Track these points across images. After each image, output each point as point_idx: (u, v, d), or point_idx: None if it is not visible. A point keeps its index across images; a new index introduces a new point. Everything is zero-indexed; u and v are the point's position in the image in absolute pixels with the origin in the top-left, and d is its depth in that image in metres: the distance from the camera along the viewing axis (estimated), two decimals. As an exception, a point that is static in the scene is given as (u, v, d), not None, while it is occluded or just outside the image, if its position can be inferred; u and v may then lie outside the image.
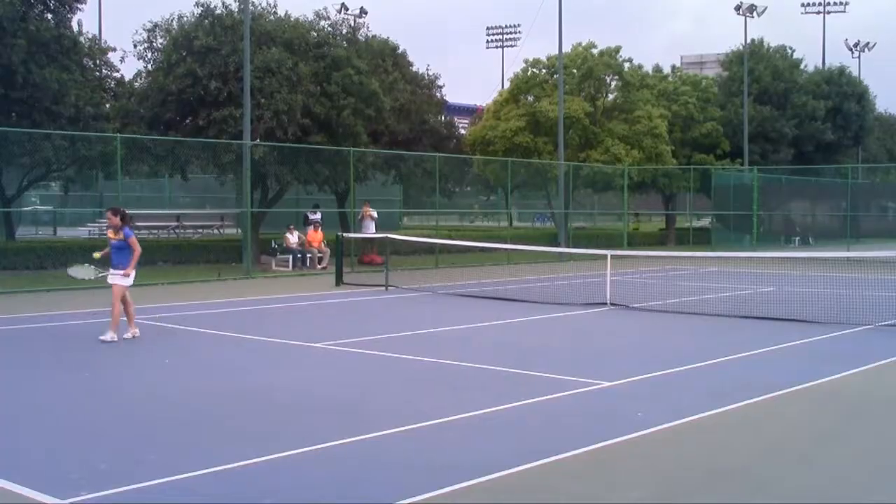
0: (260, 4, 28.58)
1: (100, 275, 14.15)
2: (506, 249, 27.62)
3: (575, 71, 39.86)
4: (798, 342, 13.83)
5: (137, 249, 13.60)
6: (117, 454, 7.53)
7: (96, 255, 14.11)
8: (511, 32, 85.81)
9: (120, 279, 13.46)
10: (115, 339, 13.25)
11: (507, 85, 43.32)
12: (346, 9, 40.67)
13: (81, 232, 37.72)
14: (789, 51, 51.01)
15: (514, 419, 8.86)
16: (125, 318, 13.67)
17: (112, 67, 28.81)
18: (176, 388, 10.27)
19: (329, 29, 30.34)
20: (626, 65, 40.50)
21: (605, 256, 19.39)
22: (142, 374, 11.25)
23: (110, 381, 10.83)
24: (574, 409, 9.43)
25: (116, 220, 13.56)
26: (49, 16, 23.34)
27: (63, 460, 7.39)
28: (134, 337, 13.61)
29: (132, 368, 11.70)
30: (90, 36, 28.79)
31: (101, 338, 13.23)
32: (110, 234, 13.77)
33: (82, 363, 12.06)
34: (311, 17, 30.02)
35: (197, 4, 27.67)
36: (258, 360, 12.37)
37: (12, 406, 9.37)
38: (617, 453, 7.69)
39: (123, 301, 13.53)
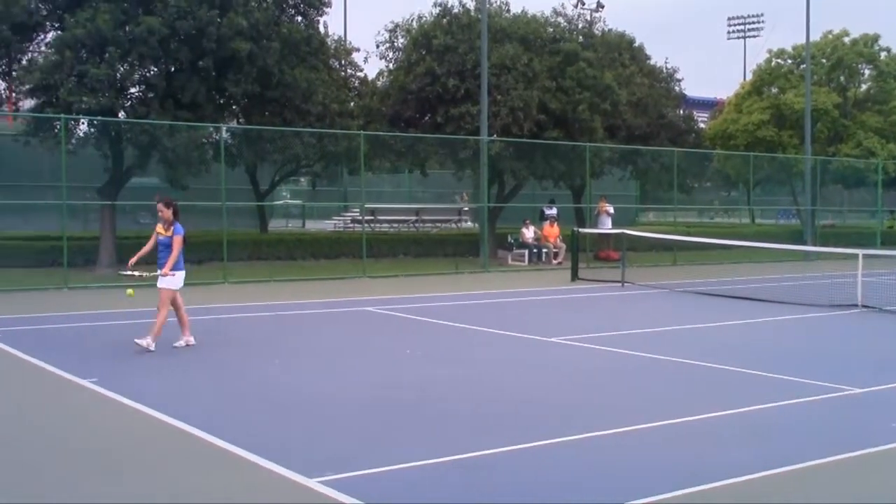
0: (496, 2, 28.90)
1: (134, 274, 12.31)
2: (747, 247, 26.59)
3: (824, 61, 37.82)
4: None
5: (176, 250, 12.00)
6: (359, 438, 7.78)
7: (131, 263, 12.33)
8: (754, 22, 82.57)
9: (166, 281, 11.97)
10: (153, 347, 11.73)
11: (749, 77, 41.81)
12: (583, 4, 40.38)
13: (327, 225, 39.42)
14: None
15: (755, 422, 8.49)
16: (152, 322, 12.19)
17: (356, 67, 30.06)
18: (412, 377, 10.50)
19: (565, 24, 30.26)
20: (884, 54, 38.02)
21: (856, 256, 18.32)
22: (381, 363, 11.60)
23: (351, 367, 11.23)
24: (820, 414, 8.92)
25: (168, 214, 12.05)
26: (299, 18, 24.52)
27: (311, 442, 7.71)
28: (188, 345, 12.23)
29: (372, 356, 12.08)
30: (336, 37, 30.10)
31: (137, 340, 11.80)
32: (160, 228, 12.18)
33: (328, 350, 12.59)
34: (547, 13, 30.08)
35: (435, 4, 28.33)
36: (492, 353, 12.48)
37: (267, 388, 9.88)
38: (869, 464, 7.21)
39: (174, 305, 12.21)
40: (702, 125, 40.43)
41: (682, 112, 35.05)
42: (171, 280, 11.99)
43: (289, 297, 18.83)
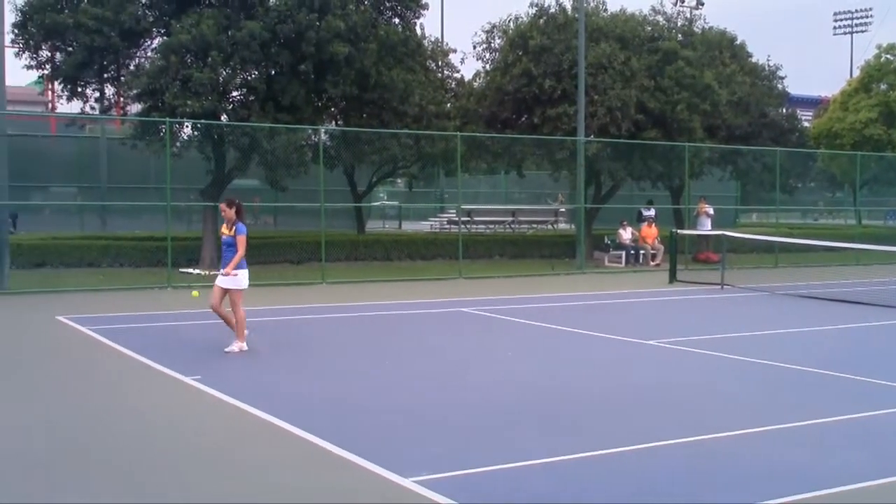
0: (593, 1, 28.67)
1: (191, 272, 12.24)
2: (854, 249, 25.81)
3: (941, 55, 36.61)
4: None
5: (241, 250, 11.84)
6: (455, 439, 7.80)
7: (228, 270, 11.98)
8: (862, 17, 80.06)
9: (230, 282, 11.86)
10: (245, 347, 11.87)
11: (856, 73, 40.59)
12: (682, 1, 39.82)
13: (424, 226, 39.62)
14: None
15: (865, 429, 8.24)
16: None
17: (452, 68, 30.18)
18: (508, 378, 10.48)
19: (664, 23, 29.86)
20: None
21: (969, 257, 17.66)
22: (477, 364, 11.60)
23: (446, 368, 11.26)
24: (933, 422, 8.62)
25: (231, 214, 11.98)
26: (396, 21, 24.71)
27: (407, 441, 7.76)
28: (241, 351, 11.87)
29: (468, 357, 12.09)
30: (433, 39, 30.26)
31: (227, 350, 11.83)
32: (224, 228, 12.13)
33: (424, 350, 12.66)
34: (646, 11, 29.71)
35: (531, 5, 28.24)
36: (588, 355, 12.39)
37: (364, 388, 9.97)
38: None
39: (233, 307, 11.96)
40: (805, 124, 39.41)
41: (784, 111, 34.22)
42: (237, 280, 11.91)
43: (385, 297, 18.99)
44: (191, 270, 12.06)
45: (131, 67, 22.98)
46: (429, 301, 18.41)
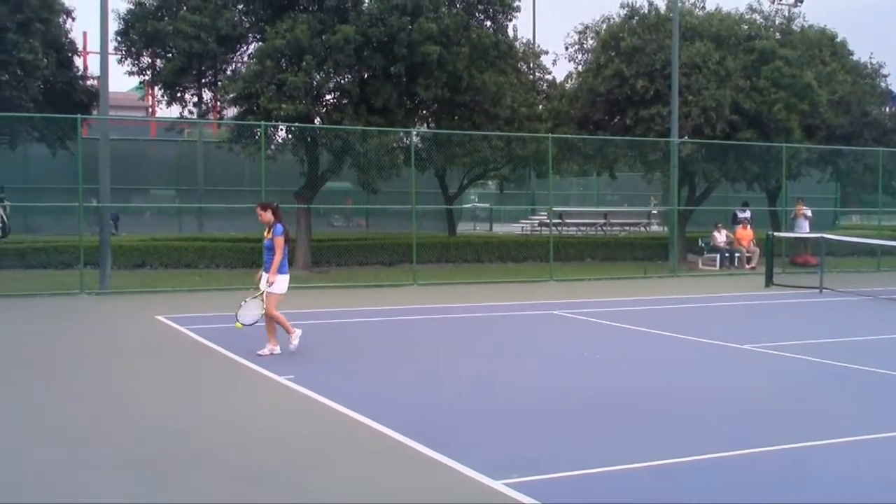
0: (688, 1, 28.27)
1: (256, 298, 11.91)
2: (961, 252, 24.93)
3: None
4: None
5: (278, 253, 11.66)
6: (546, 441, 7.76)
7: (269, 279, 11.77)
8: (969, 13, 77.36)
9: (272, 286, 11.69)
10: (296, 341, 11.75)
11: (963, 70, 39.12)
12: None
13: (515, 228, 39.57)
14: None
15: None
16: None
17: (544, 70, 30.07)
18: (600, 381, 10.38)
19: (761, 21, 29.27)
20: None
21: None
22: (568, 366, 11.53)
23: (537, 370, 11.20)
24: None
25: (267, 216, 11.86)
26: (488, 23, 24.71)
27: (498, 443, 7.74)
28: (272, 354, 11.68)
29: (559, 360, 12.03)
30: (524, 41, 30.19)
31: (291, 347, 11.73)
32: (266, 233, 11.94)
33: (515, 352, 12.62)
34: (742, 9, 29.17)
35: (623, 5, 27.97)
36: (682, 359, 12.21)
37: (454, 389, 10.00)
38: None
39: (270, 311, 11.72)
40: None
41: (888, 110, 33.18)
42: (274, 285, 11.69)
43: (476, 299, 19.01)
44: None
45: (228, 72, 23.47)
46: (519, 303, 18.37)
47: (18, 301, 17.89)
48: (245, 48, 23.65)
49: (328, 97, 23.33)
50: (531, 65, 29.55)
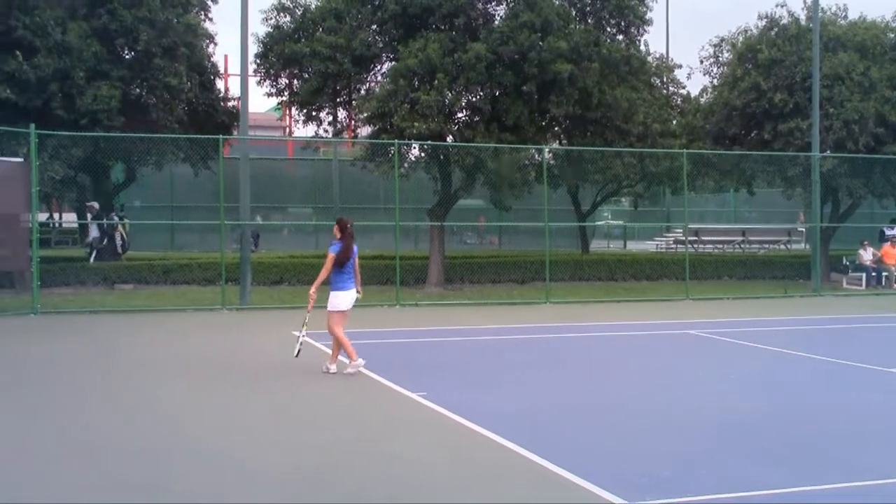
0: (829, 10, 27.39)
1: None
2: None
3: None
4: None
5: (323, 270, 11.65)
6: (681, 462, 7.56)
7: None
8: None
9: (329, 304, 11.65)
10: (360, 364, 11.65)
11: None
12: (931, 5, 37.31)
13: (649, 245, 38.99)
14: None
15: None
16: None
17: (678, 84, 29.57)
18: (737, 403, 10.07)
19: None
20: None
21: None
22: (703, 387, 11.24)
23: (672, 390, 10.95)
24: None
25: (336, 232, 11.86)
26: (619, 38, 24.46)
27: (633, 463, 7.58)
28: (328, 371, 11.68)
29: (695, 380, 11.74)
30: (657, 55, 29.78)
31: (345, 371, 11.59)
32: None
33: (651, 372, 12.39)
34: (888, 18, 28.03)
35: (761, 17, 27.30)
36: (818, 381, 11.75)
37: (588, 408, 9.87)
38: None
39: (331, 330, 11.70)
40: None
41: None
42: (332, 301, 11.63)
43: (609, 318, 18.78)
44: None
45: (362, 92, 23.89)
46: (654, 322, 18.05)
47: (167, 315, 18.59)
48: (379, 68, 24.05)
49: (460, 115, 23.48)
50: (665, 79, 29.12)
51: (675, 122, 28.14)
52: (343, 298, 11.69)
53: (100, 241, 25.21)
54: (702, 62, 28.65)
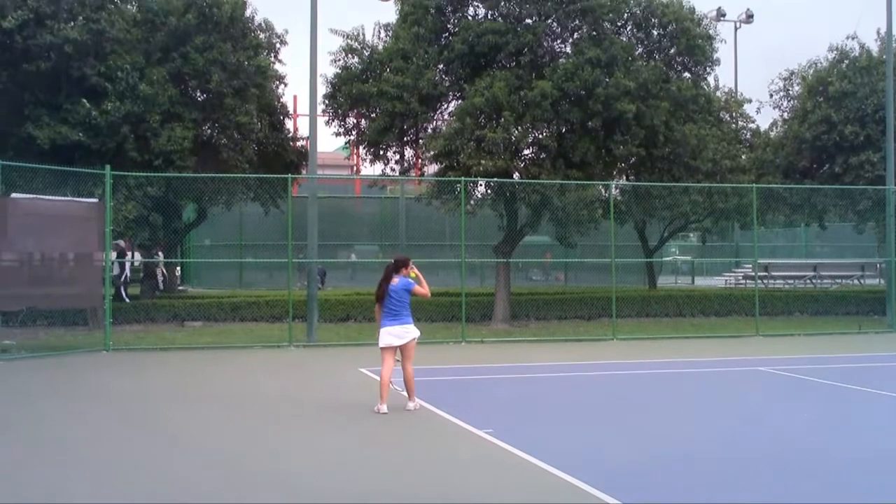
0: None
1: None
2: None
3: None
4: None
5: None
6: (752, 505, 7.44)
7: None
8: None
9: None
10: (416, 405, 11.79)
11: None
12: None
13: (718, 281, 38.49)
14: None
15: None
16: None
17: (748, 119, 29.30)
18: (810, 444, 9.87)
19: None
20: None
21: None
22: (768, 424, 11.02)
23: (743, 429, 10.75)
24: None
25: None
26: (687, 75, 24.33)
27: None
28: (379, 412, 11.49)
29: (768, 419, 11.53)
30: (726, 90, 29.57)
31: (375, 409, 11.58)
32: None
33: (721, 411, 12.19)
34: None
35: (831, 49, 27.00)
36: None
37: (660, 447, 9.74)
38: None
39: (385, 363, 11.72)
40: None
41: None
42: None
43: (678, 354, 18.55)
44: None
45: (429, 130, 24.07)
46: (723, 359, 17.79)
47: (235, 352, 18.82)
48: (445, 106, 24.21)
49: (526, 152, 23.52)
50: (734, 114, 28.89)
51: (744, 156, 27.87)
52: (381, 335, 11.74)
53: (119, 278, 24.72)
54: (771, 96, 28.46)
